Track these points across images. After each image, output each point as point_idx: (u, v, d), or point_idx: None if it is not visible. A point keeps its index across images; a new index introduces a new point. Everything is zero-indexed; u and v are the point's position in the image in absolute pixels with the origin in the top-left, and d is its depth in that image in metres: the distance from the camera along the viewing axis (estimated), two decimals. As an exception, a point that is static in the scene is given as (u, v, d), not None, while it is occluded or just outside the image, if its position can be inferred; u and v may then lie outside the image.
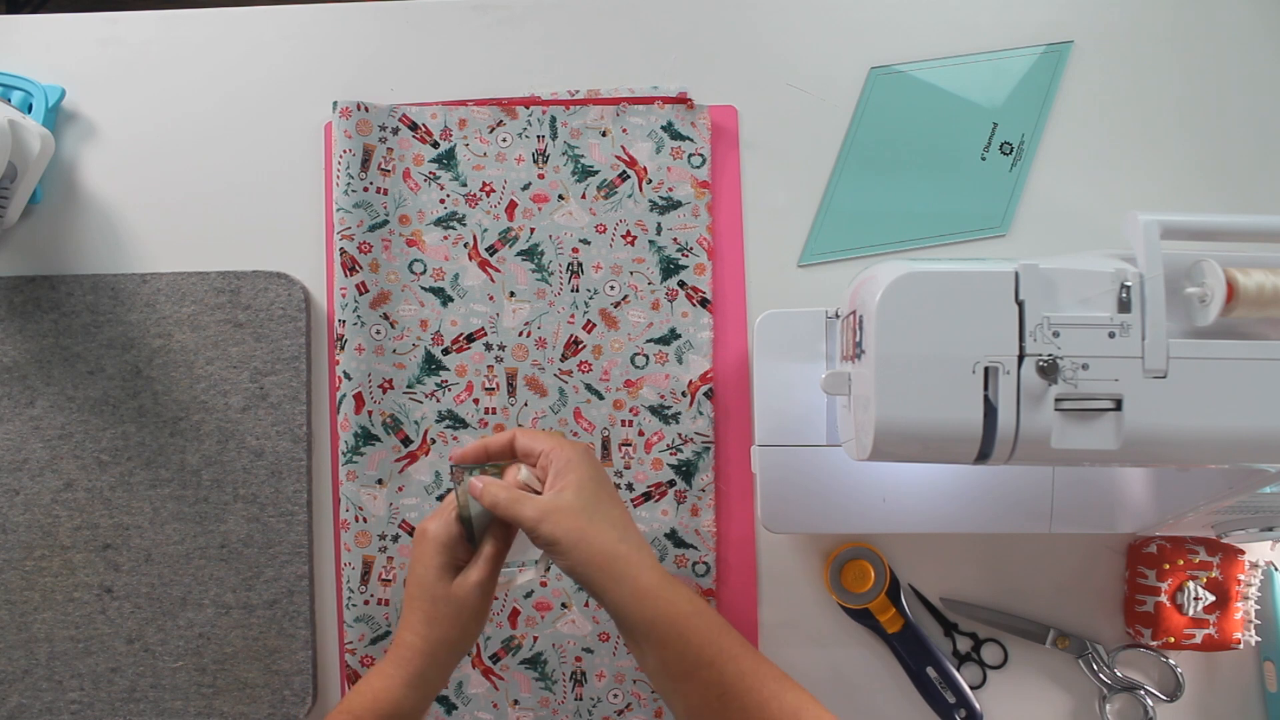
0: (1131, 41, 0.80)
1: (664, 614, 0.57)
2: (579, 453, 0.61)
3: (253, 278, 0.78)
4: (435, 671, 0.60)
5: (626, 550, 0.58)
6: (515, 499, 0.59)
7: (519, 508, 0.59)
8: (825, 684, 0.76)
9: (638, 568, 0.58)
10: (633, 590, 0.57)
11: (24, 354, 0.78)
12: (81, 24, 0.82)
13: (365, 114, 0.78)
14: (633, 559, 0.58)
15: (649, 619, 0.57)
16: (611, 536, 0.58)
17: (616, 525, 0.59)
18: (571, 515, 0.58)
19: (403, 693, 0.59)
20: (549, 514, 0.58)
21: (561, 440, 0.62)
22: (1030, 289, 0.54)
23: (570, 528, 0.57)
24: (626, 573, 0.57)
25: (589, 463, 0.61)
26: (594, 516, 0.58)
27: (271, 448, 0.77)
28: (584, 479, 0.59)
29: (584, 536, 0.57)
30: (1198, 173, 0.79)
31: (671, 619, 0.57)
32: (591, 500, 0.59)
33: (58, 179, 0.80)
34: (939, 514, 0.71)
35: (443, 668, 0.61)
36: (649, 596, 0.57)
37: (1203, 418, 0.54)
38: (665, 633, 0.57)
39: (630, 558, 0.58)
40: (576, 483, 0.59)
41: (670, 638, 0.57)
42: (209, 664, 0.76)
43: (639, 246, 0.78)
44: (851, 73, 0.80)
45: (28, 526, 0.77)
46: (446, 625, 0.59)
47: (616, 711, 0.76)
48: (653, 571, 0.58)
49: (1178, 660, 0.75)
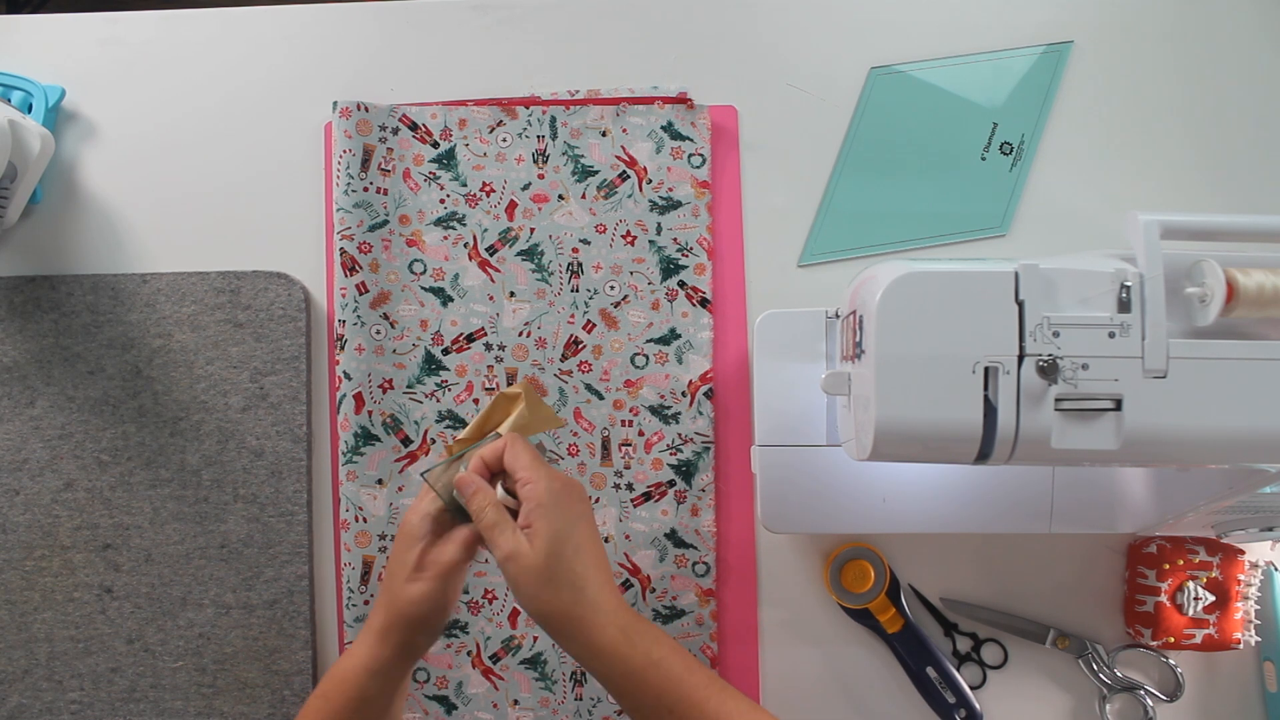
0: (1131, 41, 0.80)
1: (618, 670, 0.57)
2: (552, 496, 0.59)
3: (253, 278, 0.78)
4: (398, 654, 0.60)
5: (580, 613, 0.57)
6: (496, 524, 0.59)
7: (494, 534, 0.59)
8: (825, 684, 0.76)
9: (590, 629, 0.57)
10: (585, 649, 0.57)
11: (24, 354, 0.78)
12: (81, 24, 0.82)
13: (365, 114, 0.78)
14: (585, 620, 0.57)
15: (603, 675, 0.58)
16: (566, 599, 0.57)
17: (576, 584, 0.58)
18: (532, 572, 0.57)
19: (367, 674, 0.60)
20: (513, 558, 0.58)
21: (539, 472, 0.60)
22: (1030, 289, 0.54)
23: (527, 583, 0.57)
24: (578, 634, 0.57)
25: (559, 509, 0.59)
26: (552, 577, 0.57)
27: (271, 448, 0.77)
28: (550, 532, 0.58)
29: (539, 596, 0.57)
30: (1198, 173, 0.79)
31: (626, 674, 0.57)
32: (554, 557, 0.57)
33: (58, 179, 0.80)
34: (939, 514, 0.71)
35: (407, 651, 0.61)
36: (603, 655, 0.57)
37: (1203, 418, 0.54)
38: (621, 685, 0.57)
39: (584, 619, 0.57)
40: (543, 534, 0.57)
41: (627, 689, 0.57)
42: (209, 664, 0.76)
43: (639, 246, 0.78)
44: (851, 73, 0.80)
45: (28, 526, 0.77)
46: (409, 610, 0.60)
47: (616, 711, 0.76)
48: (608, 629, 0.57)
49: (1178, 660, 0.75)
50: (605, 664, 0.57)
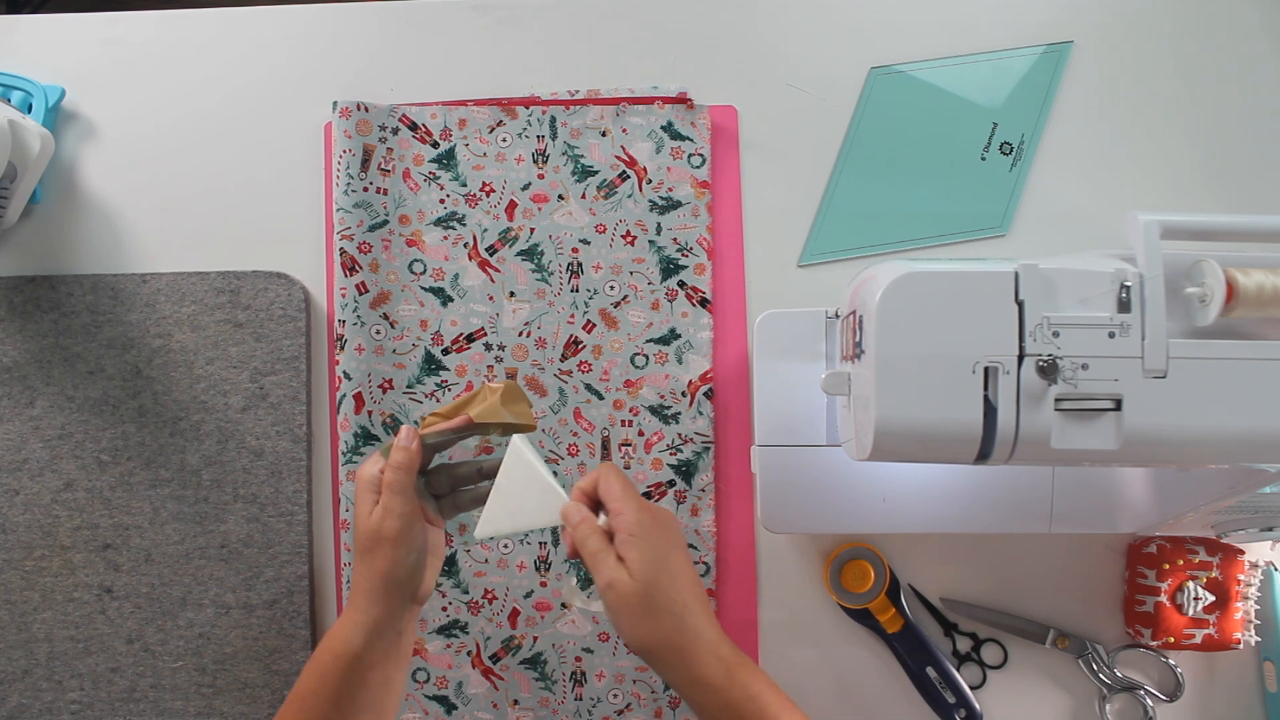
0: (1131, 41, 0.80)
1: (717, 703, 0.57)
2: (643, 526, 0.59)
3: (253, 278, 0.78)
4: (380, 609, 0.60)
5: (682, 642, 0.57)
6: (598, 552, 0.59)
7: (596, 561, 0.58)
8: (825, 684, 0.76)
9: (692, 658, 0.57)
10: (686, 678, 0.57)
11: (24, 354, 0.78)
12: (81, 24, 0.82)
13: (365, 114, 0.78)
14: (687, 650, 0.57)
15: (699, 706, 0.58)
16: (668, 627, 0.57)
17: (676, 612, 0.57)
18: (631, 599, 0.57)
19: (352, 632, 0.60)
20: (612, 586, 0.57)
21: (631, 503, 0.60)
22: (1030, 289, 0.54)
23: (627, 611, 0.57)
24: (680, 663, 0.57)
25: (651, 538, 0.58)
26: (651, 605, 0.57)
27: (271, 448, 0.77)
28: (644, 561, 0.57)
29: (639, 625, 0.57)
30: (1198, 173, 0.79)
31: (724, 707, 0.57)
32: (651, 585, 0.57)
33: (58, 179, 0.80)
34: (939, 514, 0.71)
35: (389, 605, 0.61)
36: (702, 685, 0.57)
37: (1203, 418, 0.54)
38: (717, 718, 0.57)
39: (685, 649, 0.57)
40: (637, 563, 0.57)
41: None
42: (209, 664, 0.76)
43: (639, 246, 0.78)
44: (851, 73, 0.80)
45: (28, 526, 0.77)
46: (382, 561, 0.60)
47: (616, 711, 0.76)
48: (709, 660, 0.57)
49: (1178, 660, 0.75)
50: (703, 695, 0.57)
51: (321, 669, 0.61)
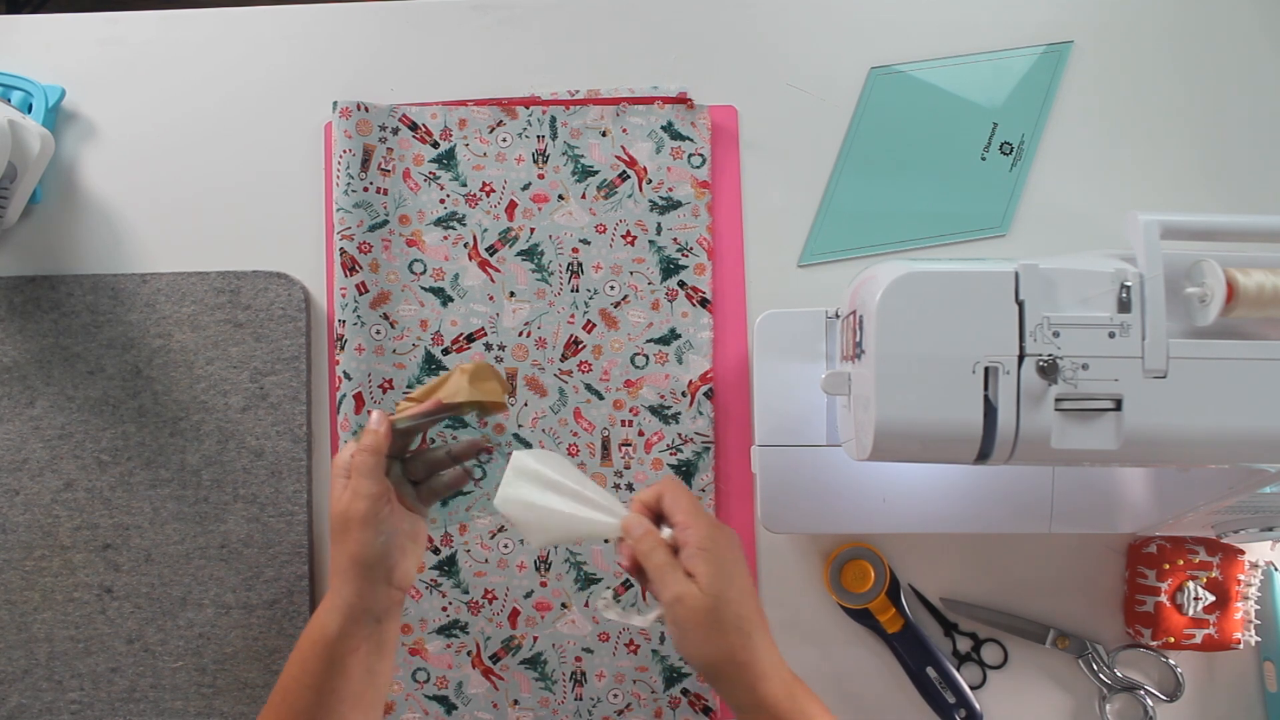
0: (1131, 41, 0.80)
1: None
2: (712, 541, 0.58)
3: (253, 278, 0.78)
4: (352, 590, 0.60)
5: (747, 659, 0.57)
6: (664, 565, 0.58)
7: (663, 575, 0.58)
8: (825, 684, 0.76)
9: (756, 677, 0.57)
10: (749, 697, 0.57)
11: (24, 354, 0.78)
12: (81, 24, 0.82)
13: (365, 114, 0.78)
14: (752, 667, 0.57)
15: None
16: (734, 643, 0.57)
17: (743, 628, 0.57)
18: (699, 614, 0.57)
19: (329, 616, 0.60)
20: (680, 600, 0.57)
21: (699, 518, 0.59)
22: (1030, 289, 0.54)
23: (694, 625, 0.57)
24: (744, 680, 0.57)
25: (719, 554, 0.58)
26: (719, 620, 0.57)
27: (271, 448, 0.77)
28: (712, 576, 0.57)
29: (706, 641, 0.57)
30: (1198, 173, 0.79)
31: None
32: (720, 600, 0.57)
33: (58, 179, 0.80)
34: (939, 514, 0.71)
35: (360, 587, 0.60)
36: (765, 706, 0.57)
37: (1203, 418, 0.54)
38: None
39: (750, 666, 0.57)
40: (706, 578, 0.57)
41: None
42: (209, 664, 0.76)
43: (639, 246, 0.78)
44: (851, 73, 0.80)
45: (28, 526, 0.77)
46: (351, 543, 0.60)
47: (616, 711, 0.76)
48: (773, 680, 0.57)
49: (1178, 660, 0.75)
50: (763, 716, 0.57)
51: (302, 657, 0.61)
